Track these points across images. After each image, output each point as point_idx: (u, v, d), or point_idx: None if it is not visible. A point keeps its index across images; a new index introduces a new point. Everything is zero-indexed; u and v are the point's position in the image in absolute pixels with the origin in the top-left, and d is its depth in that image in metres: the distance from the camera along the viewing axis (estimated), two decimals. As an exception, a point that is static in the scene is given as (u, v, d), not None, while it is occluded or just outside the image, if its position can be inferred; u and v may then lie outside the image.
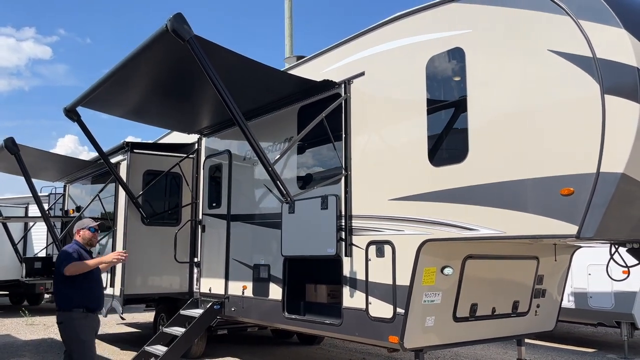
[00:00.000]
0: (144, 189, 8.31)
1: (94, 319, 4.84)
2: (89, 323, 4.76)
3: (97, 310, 4.90)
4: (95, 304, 4.85)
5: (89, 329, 4.76)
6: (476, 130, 4.54)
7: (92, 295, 4.80)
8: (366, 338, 5.42)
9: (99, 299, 4.91)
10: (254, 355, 8.51)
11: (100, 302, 4.93)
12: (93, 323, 4.83)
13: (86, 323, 4.73)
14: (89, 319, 4.75)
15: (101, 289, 5.00)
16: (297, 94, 6.43)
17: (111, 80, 6.18)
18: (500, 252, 5.40)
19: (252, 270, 7.03)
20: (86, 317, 4.73)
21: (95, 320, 4.87)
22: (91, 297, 4.80)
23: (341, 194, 5.74)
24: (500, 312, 5.66)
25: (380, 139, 5.45)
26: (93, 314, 4.82)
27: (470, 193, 4.51)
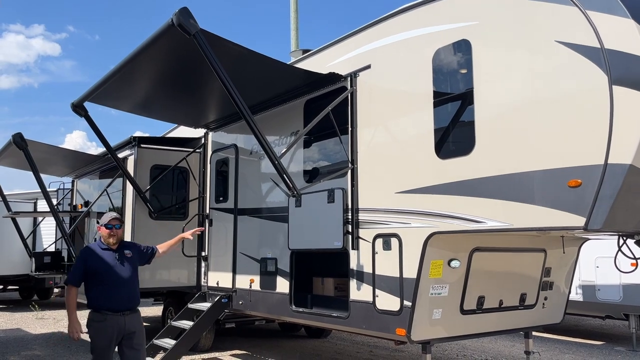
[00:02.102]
0: (151, 183, 8.35)
1: (117, 320, 4.49)
2: (108, 325, 4.47)
3: (123, 310, 4.53)
4: (116, 305, 4.51)
5: (104, 334, 4.47)
6: (483, 123, 4.53)
7: (111, 295, 4.51)
8: (373, 331, 5.44)
9: (121, 298, 4.55)
10: (261, 348, 8.56)
11: (124, 302, 4.56)
12: (114, 325, 4.48)
13: (102, 327, 4.47)
14: (109, 321, 4.47)
15: (128, 287, 4.61)
16: (303, 87, 6.42)
17: (118, 76, 6.19)
18: (508, 245, 5.39)
19: (259, 264, 7.06)
20: (105, 320, 4.47)
21: (119, 322, 4.50)
22: (111, 297, 4.50)
23: (348, 187, 5.74)
24: (508, 304, 5.65)
25: (386, 131, 5.44)
26: (116, 314, 4.50)
27: (477, 185, 4.50)
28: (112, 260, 4.64)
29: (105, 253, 4.68)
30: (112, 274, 4.59)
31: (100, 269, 4.59)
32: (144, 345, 4.79)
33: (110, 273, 4.59)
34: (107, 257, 4.66)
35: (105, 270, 4.59)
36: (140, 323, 4.74)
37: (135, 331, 4.63)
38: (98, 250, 4.69)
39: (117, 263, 4.65)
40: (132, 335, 4.61)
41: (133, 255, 4.81)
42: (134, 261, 4.79)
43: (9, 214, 10.34)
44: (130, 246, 4.91)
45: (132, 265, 4.76)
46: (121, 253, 4.73)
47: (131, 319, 4.61)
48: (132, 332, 4.60)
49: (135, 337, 4.63)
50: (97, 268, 4.58)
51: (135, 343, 4.63)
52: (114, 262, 4.64)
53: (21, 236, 10.88)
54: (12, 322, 11.70)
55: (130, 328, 4.59)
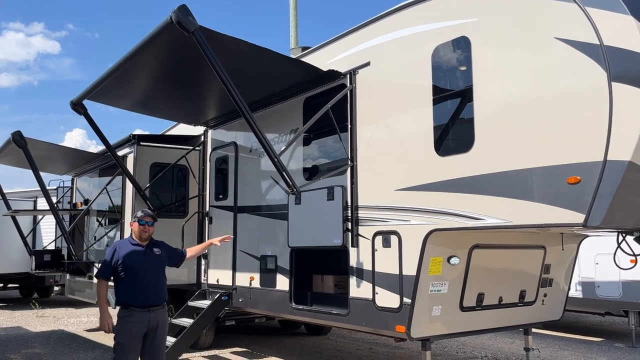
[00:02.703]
0: (150, 181, 8.35)
1: (143, 316, 4.51)
2: (135, 321, 4.49)
3: (150, 306, 4.55)
4: (143, 301, 4.53)
5: (130, 330, 4.49)
6: (482, 120, 4.53)
7: (138, 291, 4.53)
8: (373, 328, 5.45)
9: (148, 295, 4.57)
10: (261, 345, 8.58)
11: (152, 298, 4.58)
12: (140, 321, 4.51)
13: (128, 322, 4.50)
14: (135, 317, 4.49)
15: (154, 284, 4.65)
16: (303, 84, 6.42)
17: (117, 73, 6.19)
18: (507, 242, 5.40)
19: (259, 262, 7.07)
20: (130, 315, 4.50)
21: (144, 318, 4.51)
22: (137, 293, 4.53)
23: (347, 184, 5.75)
24: (507, 301, 5.66)
25: (386, 129, 5.44)
26: (143, 310, 4.52)
27: (476, 182, 4.50)
28: (140, 257, 4.69)
29: (134, 249, 4.72)
30: (140, 270, 4.63)
31: (128, 264, 4.63)
32: (165, 340, 4.83)
33: (138, 269, 4.63)
34: (136, 253, 4.70)
35: (132, 266, 4.63)
36: (166, 319, 4.81)
37: (160, 327, 4.67)
38: (127, 245, 4.75)
39: (145, 260, 4.70)
40: (156, 331, 4.65)
41: (162, 253, 4.85)
42: (162, 259, 4.84)
43: (9, 212, 10.34)
44: (160, 245, 4.95)
45: (160, 262, 4.81)
46: (150, 250, 4.77)
47: (157, 315, 4.65)
48: (157, 328, 4.64)
49: (158, 331, 4.67)
50: (125, 263, 4.63)
51: (157, 337, 4.67)
52: (142, 259, 4.69)
53: (21, 234, 10.88)
54: (13, 320, 11.71)
55: (155, 323, 4.63)
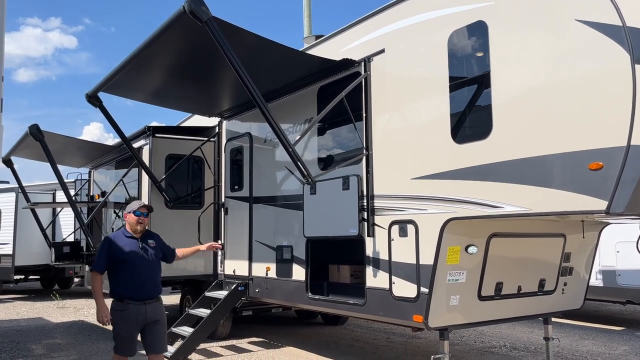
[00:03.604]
0: (166, 173, 8.38)
1: (139, 309, 4.52)
2: (131, 314, 4.50)
3: (145, 299, 4.56)
4: (140, 293, 4.54)
5: (127, 323, 4.51)
6: (500, 106, 4.43)
7: (134, 284, 4.52)
8: (390, 318, 5.41)
9: (144, 287, 4.57)
10: (278, 335, 8.60)
11: (147, 291, 4.58)
12: (136, 314, 4.51)
13: (125, 315, 4.50)
14: (131, 310, 4.50)
15: (150, 276, 4.64)
16: (317, 73, 6.36)
17: (131, 65, 6.19)
18: (526, 230, 5.31)
19: (275, 252, 7.06)
20: (127, 309, 4.50)
21: (141, 310, 4.52)
22: (133, 285, 4.52)
23: (362, 174, 5.69)
24: (526, 290, 5.58)
25: (401, 117, 5.37)
26: (138, 303, 4.52)
27: (494, 170, 4.42)
28: (135, 249, 4.67)
29: (129, 241, 4.69)
30: (135, 263, 4.61)
31: (124, 257, 4.61)
32: (166, 333, 4.83)
33: (133, 261, 4.61)
34: (131, 245, 4.68)
35: (128, 258, 4.61)
36: (162, 311, 4.78)
37: (157, 319, 4.67)
38: (122, 238, 4.71)
39: (141, 252, 4.68)
40: (154, 323, 4.65)
41: (156, 245, 4.83)
42: (157, 251, 4.82)
43: (28, 205, 10.48)
44: (154, 236, 4.93)
45: (156, 254, 4.79)
46: (145, 242, 4.75)
47: (153, 308, 4.64)
48: (155, 321, 4.65)
49: (158, 325, 4.67)
50: (120, 256, 4.61)
51: (158, 331, 4.68)
52: (137, 251, 4.67)
53: (40, 227, 11.03)
54: (34, 311, 11.91)
55: (153, 316, 4.63)
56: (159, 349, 4.69)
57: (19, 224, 14.02)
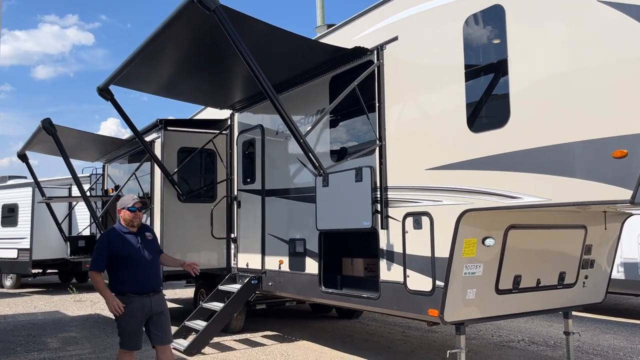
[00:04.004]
0: (178, 166, 8.33)
1: (143, 302, 4.49)
2: (135, 307, 4.46)
3: (148, 292, 4.53)
4: (143, 287, 4.51)
5: (132, 316, 4.47)
6: (518, 93, 4.27)
7: (136, 278, 4.49)
8: (405, 312, 5.29)
9: (147, 281, 4.54)
10: (292, 329, 8.54)
11: (149, 284, 4.55)
12: (140, 307, 4.48)
13: (129, 309, 4.44)
14: (135, 303, 4.46)
15: (151, 269, 4.60)
16: (328, 62, 6.23)
17: (141, 57, 6.12)
18: (546, 221, 5.14)
19: (288, 245, 6.98)
20: (131, 302, 4.45)
21: (145, 304, 4.50)
22: (135, 279, 4.49)
23: (376, 165, 5.57)
24: (546, 283, 5.42)
25: (415, 106, 5.22)
26: (142, 296, 4.49)
27: (512, 159, 4.26)
28: (135, 243, 4.63)
29: (127, 236, 4.65)
30: (137, 257, 4.58)
31: (125, 253, 4.57)
32: (170, 324, 4.80)
33: (135, 256, 4.58)
34: (130, 240, 4.64)
35: (129, 253, 4.57)
36: (165, 303, 4.77)
37: (161, 311, 4.66)
38: (119, 234, 4.66)
39: (140, 246, 4.64)
40: (158, 315, 4.64)
41: (153, 237, 4.81)
42: (155, 243, 4.78)
43: (43, 199, 10.54)
44: (149, 229, 4.91)
45: (154, 247, 4.75)
46: (142, 236, 4.71)
47: (156, 300, 4.64)
48: (158, 313, 4.63)
49: (162, 316, 4.66)
50: (121, 252, 4.57)
51: (163, 322, 4.67)
52: (137, 245, 4.63)
53: (56, 221, 11.10)
54: (51, 305, 12.02)
55: (156, 309, 4.62)
56: (165, 340, 4.67)
57: (36, 218, 14.17)
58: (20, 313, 10.85)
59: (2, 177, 18.04)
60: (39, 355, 7.02)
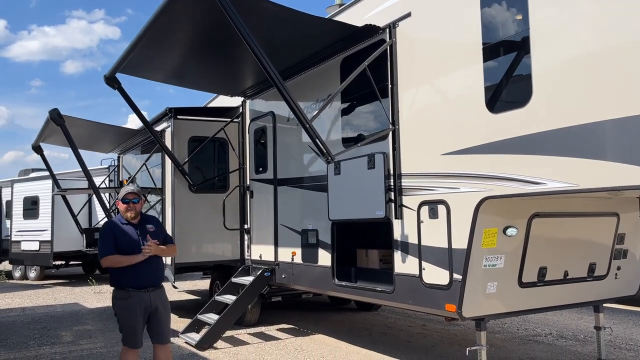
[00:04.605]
0: (189, 156, 8.12)
1: (142, 297, 4.30)
2: (134, 302, 4.28)
3: (147, 287, 4.34)
4: (142, 281, 4.31)
5: (131, 311, 4.29)
6: (541, 71, 3.87)
7: (135, 272, 4.30)
8: (421, 306, 4.98)
9: (148, 275, 4.35)
10: (308, 322, 8.30)
11: (149, 279, 4.36)
12: (139, 302, 4.29)
13: (128, 304, 4.28)
14: (133, 299, 4.28)
15: (151, 263, 4.38)
16: (338, 43, 5.90)
17: (145, 41, 5.88)
18: (573, 209, 4.75)
19: (300, 236, 6.71)
20: (129, 297, 4.28)
21: (144, 299, 4.31)
22: (134, 274, 4.30)
23: (389, 151, 5.23)
24: (574, 276, 5.04)
25: (430, 87, 4.86)
26: (141, 291, 4.30)
27: (535, 141, 3.88)
28: (134, 236, 4.41)
29: (126, 228, 4.45)
30: (133, 250, 4.36)
31: (123, 245, 4.37)
32: (169, 317, 4.61)
33: (134, 249, 4.37)
34: (129, 232, 4.44)
35: (127, 246, 4.37)
36: (166, 299, 4.56)
37: (161, 307, 4.46)
38: (120, 225, 4.46)
39: (140, 238, 4.42)
40: (159, 312, 4.44)
41: (155, 229, 4.56)
42: (158, 236, 4.53)
43: (57, 191, 10.50)
44: (152, 220, 4.67)
45: (155, 239, 4.49)
46: (143, 228, 4.49)
47: (156, 296, 4.43)
48: (159, 310, 4.44)
49: (162, 314, 4.47)
50: (121, 244, 4.36)
51: (162, 320, 4.48)
52: (136, 238, 4.41)
53: (72, 213, 11.07)
54: (71, 297, 12.04)
55: (157, 304, 4.42)
56: (163, 339, 4.48)
57: (56, 210, 14.21)
58: (39, 305, 10.88)
59: (26, 170, 18.24)
60: (50, 350, 6.93)
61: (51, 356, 6.59)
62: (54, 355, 6.61)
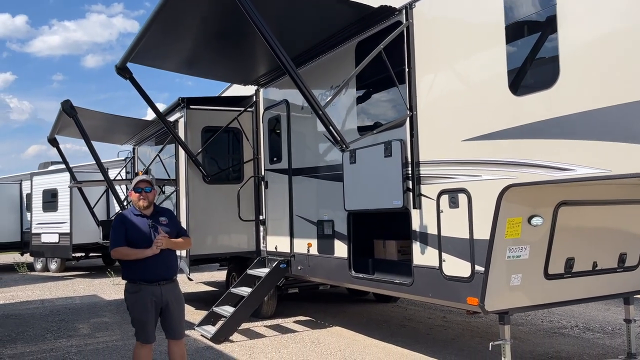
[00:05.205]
0: (203, 146, 7.99)
1: (153, 291, 4.18)
2: (146, 296, 4.16)
3: (158, 280, 4.21)
4: (153, 275, 4.19)
5: (142, 305, 4.17)
6: (569, 50, 3.61)
7: (146, 265, 4.18)
8: (441, 299, 4.78)
9: (159, 268, 4.22)
10: (326, 314, 8.15)
11: (160, 272, 4.22)
12: (150, 296, 4.17)
13: (139, 297, 4.17)
14: (143, 292, 4.16)
15: (163, 256, 4.25)
16: (352, 26, 5.67)
17: (155, 29, 5.73)
18: (603, 197, 4.49)
19: (316, 227, 6.54)
20: (140, 290, 4.17)
21: (154, 293, 4.18)
22: (145, 267, 4.17)
23: (406, 138, 5.02)
24: (603, 266, 4.79)
25: (450, 70, 4.62)
26: (152, 284, 4.18)
27: (563, 125, 3.64)
28: (145, 228, 4.30)
29: (138, 220, 4.34)
30: (146, 243, 4.24)
31: (134, 237, 4.26)
32: (184, 317, 4.48)
33: (145, 241, 4.25)
34: (141, 224, 4.32)
35: (139, 238, 4.26)
36: (179, 293, 4.43)
37: (174, 302, 4.33)
38: (132, 217, 4.35)
39: (152, 231, 4.30)
40: (171, 306, 4.32)
41: (169, 222, 4.43)
42: (170, 229, 4.40)
43: (73, 183, 10.49)
44: (166, 213, 4.54)
45: (168, 233, 4.37)
46: (155, 220, 4.37)
47: (168, 289, 4.30)
48: (171, 304, 4.31)
49: (175, 308, 4.34)
50: (131, 236, 4.25)
51: (176, 315, 4.36)
52: (147, 230, 4.30)
53: (88, 205, 11.07)
54: (90, 289, 12.09)
55: (169, 298, 4.30)
56: (177, 334, 4.36)
57: (75, 203, 14.25)
58: (58, 297, 10.93)
59: (45, 163, 18.37)
60: (66, 343, 6.90)
61: (67, 349, 6.56)
62: (70, 349, 6.57)
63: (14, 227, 17.65)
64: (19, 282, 13.74)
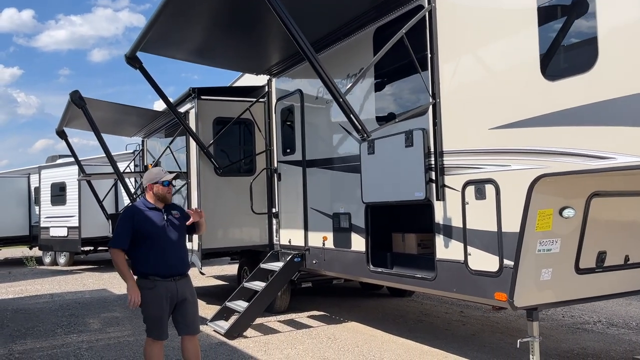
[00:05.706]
0: (214, 137, 7.82)
1: (168, 286, 4.05)
2: (160, 292, 4.02)
3: (174, 275, 4.09)
4: (168, 269, 4.07)
5: (157, 301, 4.03)
6: (609, 30, 3.40)
7: (161, 260, 4.04)
8: (466, 295, 4.59)
9: (174, 262, 4.12)
10: (340, 308, 7.99)
11: (175, 266, 4.12)
12: (165, 292, 4.04)
13: (153, 294, 4.02)
14: (159, 288, 4.02)
15: (177, 251, 4.17)
16: (371, 11, 5.47)
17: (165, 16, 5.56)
18: (637, 187, 4.28)
19: (331, 220, 6.37)
20: (155, 287, 4.02)
21: (170, 289, 4.06)
22: (160, 262, 4.04)
23: (429, 126, 4.82)
24: (636, 260, 4.58)
25: (475, 55, 4.40)
26: (167, 280, 4.06)
27: (600, 111, 3.42)
28: (160, 222, 4.14)
29: (152, 213, 4.18)
30: (161, 237, 4.11)
31: (148, 231, 4.09)
32: (198, 312, 4.33)
33: (159, 236, 4.11)
34: (155, 218, 4.16)
35: (153, 232, 4.10)
36: (192, 289, 4.29)
37: (188, 298, 4.20)
38: (145, 210, 4.18)
39: (166, 224, 4.15)
40: (186, 302, 4.18)
41: (181, 216, 4.28)
42: (183, 223, 4.25)
43: (82, 176, 10.36)
44: (177, 207, 4.38)
45: (181, 226, 4.24)
46: (169, 213, 4.22)
47: (183, 285, 4.17)
48: (185, 300, 4.18)
49: (189, 304, 4.21)
50: (145, 230, 4.09)
51: (190, 310, 4.23)
52: (162, 224, 4.14)
53: (97, 198, 10.95)
54: (100, 283, 11.99)
55: (183, 294, 4.16)
56: (192, 330, 4.22)
57: (84, 196, 14.15)
58: (68, 291, 10.83)
59: (53, 156, 18.28)
60: (77, 338, 6.78)
61: (78, 345, 6.43)
62: (81, 344, 6.45)
63: (22, 221, 17.58)
64: (27, 276, 13.67)
